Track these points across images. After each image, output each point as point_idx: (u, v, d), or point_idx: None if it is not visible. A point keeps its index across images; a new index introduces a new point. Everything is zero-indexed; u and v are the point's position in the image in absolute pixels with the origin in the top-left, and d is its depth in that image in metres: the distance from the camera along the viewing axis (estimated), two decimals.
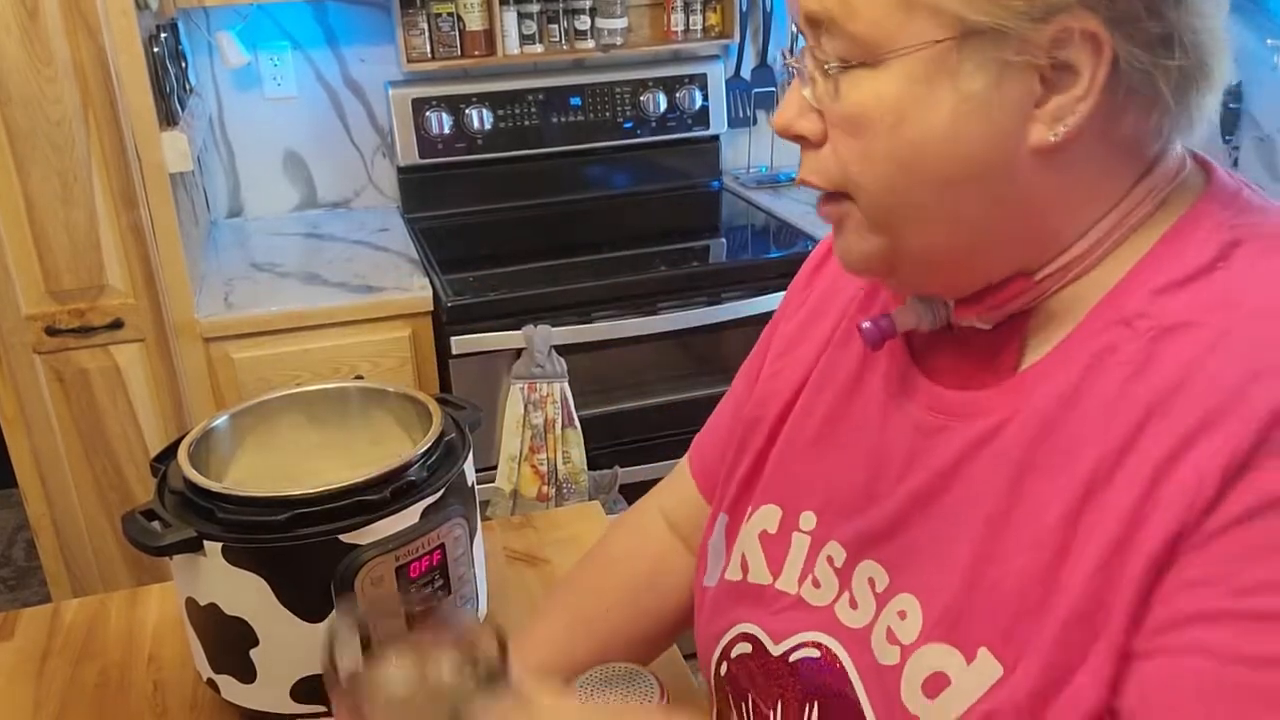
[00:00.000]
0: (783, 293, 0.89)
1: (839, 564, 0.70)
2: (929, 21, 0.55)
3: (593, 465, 2.11)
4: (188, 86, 2.20)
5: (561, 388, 2.03)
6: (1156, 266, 0.59)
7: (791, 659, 0.71)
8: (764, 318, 1.04)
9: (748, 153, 2.73)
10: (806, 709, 0.70)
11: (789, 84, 0.64)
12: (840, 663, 0.68)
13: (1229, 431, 0.52)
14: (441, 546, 0.93)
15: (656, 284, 2.15)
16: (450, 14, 2.33)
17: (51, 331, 1.87)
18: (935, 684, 0.62)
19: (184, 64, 2.19)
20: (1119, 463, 0.55)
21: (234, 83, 2.40)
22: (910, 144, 0.57)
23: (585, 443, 2.07)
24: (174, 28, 2.15)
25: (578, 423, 2.06)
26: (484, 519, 1.08)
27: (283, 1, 2.32)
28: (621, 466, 2.16)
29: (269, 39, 2.38)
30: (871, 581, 0.68)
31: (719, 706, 0.80)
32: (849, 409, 0.73)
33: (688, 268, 2.24)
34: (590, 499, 2.09)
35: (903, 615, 0.65)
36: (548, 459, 2.05)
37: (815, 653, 0.70)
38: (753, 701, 0.74)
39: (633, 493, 2.16)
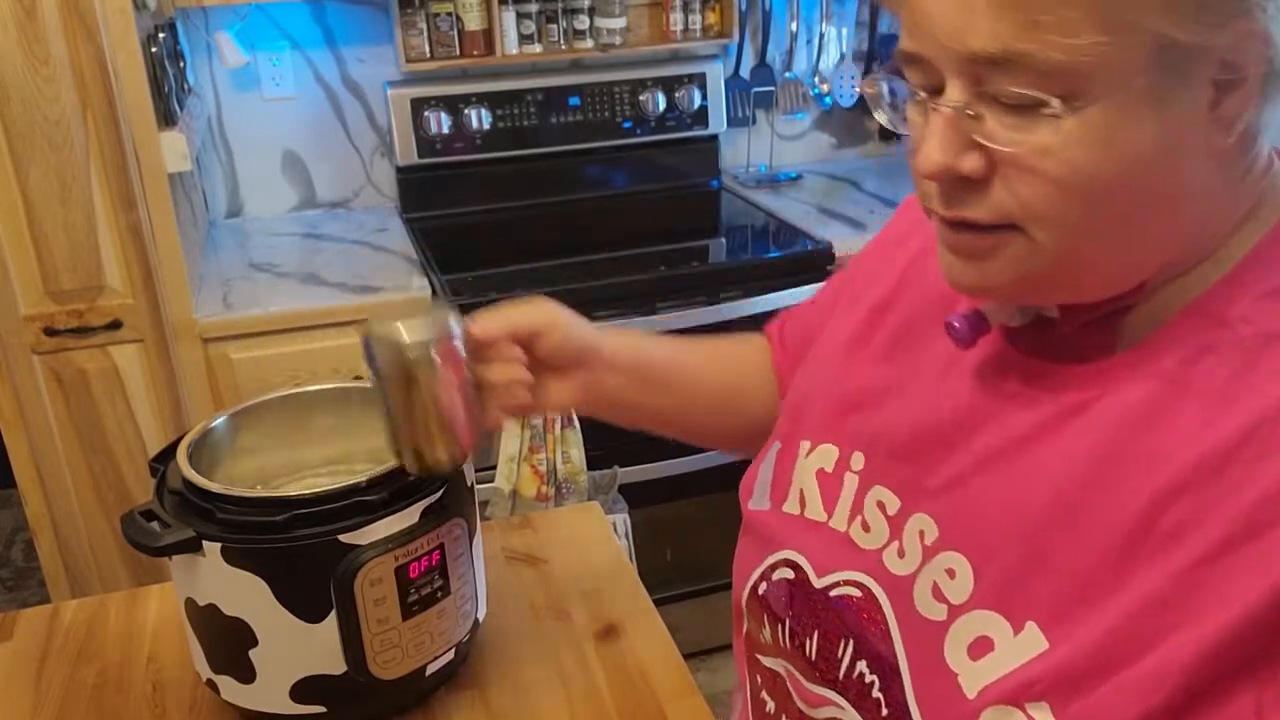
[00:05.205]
0: (781, 292, 0.90)
1: (891, 512, 0.71)
2: (1129, 40, 0.51)
3: (592, 465, 2.10)
4: (186, 87, 2.19)
5: None
6: (1260, 269, 0.58)
7: (832, 594, 0.73)
8: (763, 317, 1.04)
9: (747, 152, 2.73)
10: (842, 644, 0.71)
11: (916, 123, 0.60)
12: (881, 608, 0.69)
13: None
14: (441, 547, 0.93)
15: (656, 284, 2.14)
16: (449, 14, 2.33)
17: (50, 332, 1.87)
18: (980, 647, 0.62)
19: (182, 64, 2.19)
20: (1222, 468, 0.54)
21: (233, 83, 2.40)
22: (1112, 176, 0.54)
23: (584, 443, 2.07)
24: (172, 28, 2.15)
25: (577, 423, 2.05)
26: (483, 519, 1.07)
27: (281, 1, 2.32)
28: (621, 467, 2.16)
29: (267, 39, 2.38)
30: (921, 534, 0.69)
31: (750, 625, 0.81)
32: (913, 355, 0.74)
33: (687, 268, 2.24)
34: (590, 499, 2.08)
35: (951, 574, 0.65)
36: (547, 459, 2.05)
37: (856, 592, 0.71)
38: (789, 627, 0.76)
39: (633, 493, 2.16)
